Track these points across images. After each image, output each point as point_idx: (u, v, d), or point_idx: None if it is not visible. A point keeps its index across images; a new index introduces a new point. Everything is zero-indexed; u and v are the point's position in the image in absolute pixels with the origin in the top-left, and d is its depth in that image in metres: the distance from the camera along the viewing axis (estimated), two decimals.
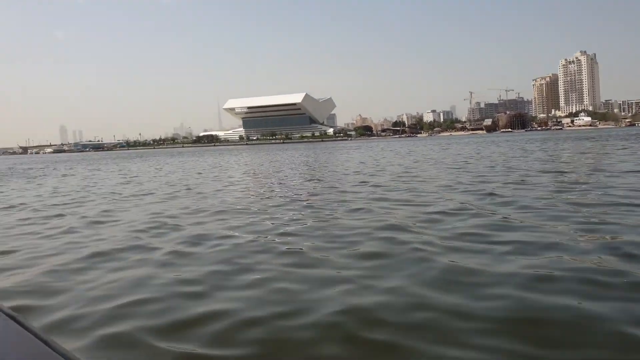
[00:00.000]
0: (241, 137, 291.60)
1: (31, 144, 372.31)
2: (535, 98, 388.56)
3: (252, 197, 15.63)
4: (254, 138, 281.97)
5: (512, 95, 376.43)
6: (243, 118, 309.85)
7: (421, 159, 35.49)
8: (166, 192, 18.65)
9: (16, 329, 1.28)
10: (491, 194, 13.30)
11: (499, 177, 18.24)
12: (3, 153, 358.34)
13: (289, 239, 8.61)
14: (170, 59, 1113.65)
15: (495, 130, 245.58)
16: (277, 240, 8.57)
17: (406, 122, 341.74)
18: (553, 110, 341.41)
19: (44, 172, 43.08)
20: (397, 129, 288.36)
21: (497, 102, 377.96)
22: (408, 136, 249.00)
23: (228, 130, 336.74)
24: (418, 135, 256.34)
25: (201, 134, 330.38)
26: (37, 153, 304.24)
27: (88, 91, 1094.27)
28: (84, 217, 12.61)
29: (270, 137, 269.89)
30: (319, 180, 20.76)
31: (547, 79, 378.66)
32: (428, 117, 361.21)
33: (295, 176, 24.14)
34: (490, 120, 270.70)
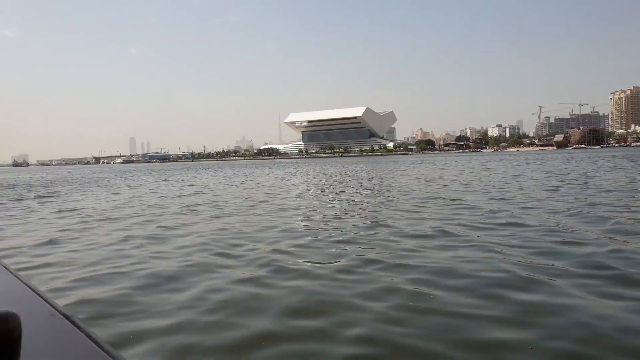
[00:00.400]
0: (300, 151, 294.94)
1: (103, 155, 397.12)
2: (612, 113, 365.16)
3: (327, 216, 14.24)
4: (313, 151, 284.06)
5: (585, 110, 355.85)
6: (303, 132, 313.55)
7: (501, 175, 32.88)
8: (237, 205, 17.79)
9: (71, 330, 1.33)
10: (615, 222, 11.20)
11: (603, 198, 15.88)
12: (79, 162, 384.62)
13: (393, 276, 7.05)
14: (234, 74, 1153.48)
15: (566, 146, 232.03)
16: (380, 275, 7.07)
17: (470, 136, 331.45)
18: (633, 125, 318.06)
19: (115, 182, 44.29)
20: (461, 143, 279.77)
21: (568, 116, 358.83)
22: (472, 151, 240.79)
23: (288, 143, 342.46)
24: (483, 150, 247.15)
25: (262, 147, 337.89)
26: (108, 163, 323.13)
27: (157, 104, 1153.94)
28: (152, 234, 11.81)
29: (329, 151, 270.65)
30: (394, 199, 19.14)
31: (628, 92, 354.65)
32: (493, 132, 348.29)
33: (366, 193, 22.63)
34: (562, 135, 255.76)
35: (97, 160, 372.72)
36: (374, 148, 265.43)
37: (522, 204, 14.91)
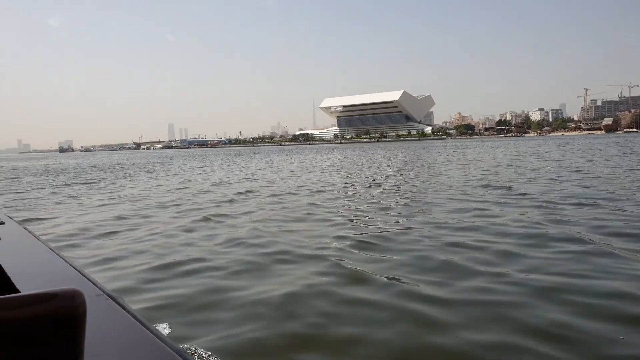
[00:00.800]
0: (335, 136, 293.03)
1: (143, 141, 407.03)
2: None
3: (390, 210, 12.91)
4: (348, 136, 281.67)
5: (636, 92, 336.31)
6: (338, 117, 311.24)
7: (563, 161, 30.60)
8: (292, 193, 16.72)
9: (116, 309, 1.37)
10: None
11: None
12: (120, 148, 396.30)
13: (509, 291, 5.75)
14: (268, 60, 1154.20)
15: (616, 130, 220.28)
16: (494, 290, 5.81)
17: (511, 120, 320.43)
18: None
19: (159, 167, 44.25)
20: (502, 127, 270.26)
21: (617, 99, 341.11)
22: (514, 135, 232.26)
23: (322, 129, 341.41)
24: (525, 135, 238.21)
25: (297, 133, 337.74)
26: (148, 149, 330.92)
27: (193, 90, 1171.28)
28: (206, 225, 10.87)
29: (365, 136, 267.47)
30: (454, 188, 17.62)
31: None
32: (535, 116, 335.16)
33: (421, 181, 21.10)
34: (611, 119, 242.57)
35: (138, 145, 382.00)
36: (412, 133, 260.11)
37: (622, 198, 12.96)
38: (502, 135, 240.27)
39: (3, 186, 25.21)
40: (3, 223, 2.89)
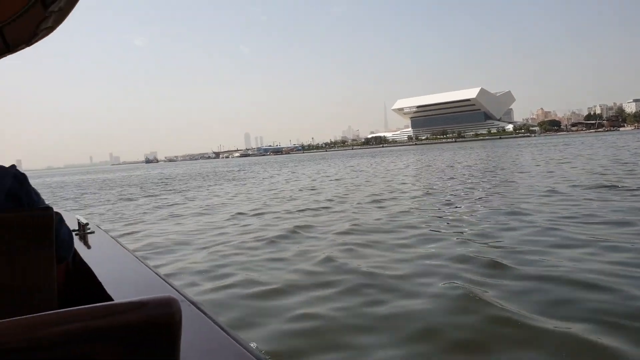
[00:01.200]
0: (410, 137, 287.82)
1: (222, 150, 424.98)
2: None
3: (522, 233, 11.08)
4: (423, 137, 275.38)
5: None
6: (412, 118, 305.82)
7: None
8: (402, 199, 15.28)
9: (199, 316, 1.41)
10: None
11: None
12: (200, 157, 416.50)
13: None
14: (337, 65, 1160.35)
15: None
16: None
17: (601, 114, 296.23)
18: None
19: (242, 175, 44.62)
20: (592, 122, 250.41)
21: None
22: (607, 130, 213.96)
23: (395, 131, 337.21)
24: (620, 129, 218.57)
25: (369, 136, 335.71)
26: (227, 157, 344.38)
27: (268, 99, 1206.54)
28: (307, 236, 9.71)
29: (441, 136, 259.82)
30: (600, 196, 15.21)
31: None
32: (630, 108, 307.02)
33: (538, 183, 18.74)
34: None
35: (217, 155, 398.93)
36: (492, 131, 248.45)
37: None
38: (593, 131, 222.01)
39: (97, 197, 26.11)
40: (93, 232, 2.89)
